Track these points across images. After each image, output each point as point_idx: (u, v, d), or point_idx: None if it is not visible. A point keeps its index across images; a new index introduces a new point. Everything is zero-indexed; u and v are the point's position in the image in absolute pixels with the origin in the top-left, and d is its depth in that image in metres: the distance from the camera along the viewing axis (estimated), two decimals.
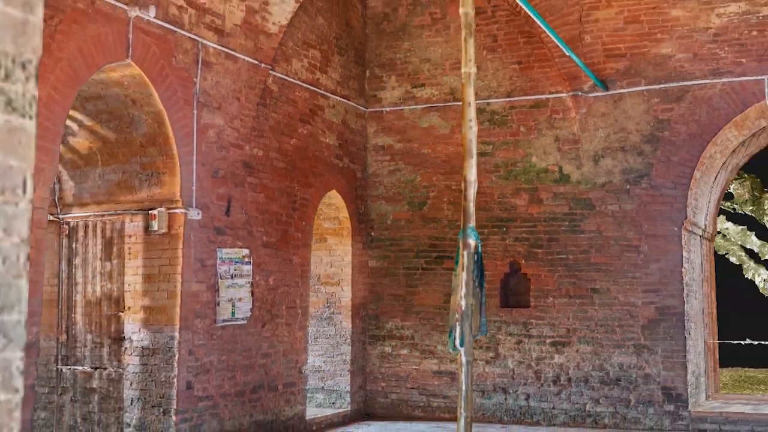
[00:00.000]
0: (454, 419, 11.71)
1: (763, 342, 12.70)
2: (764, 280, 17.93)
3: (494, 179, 12.01)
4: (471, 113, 5.73)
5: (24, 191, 2.10)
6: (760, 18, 10.76)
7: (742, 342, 12.37)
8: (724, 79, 10.86)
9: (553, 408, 11.45)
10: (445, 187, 12.27)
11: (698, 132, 11.00)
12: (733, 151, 12.02)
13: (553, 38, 10.14)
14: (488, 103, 12.04)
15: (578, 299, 11.43)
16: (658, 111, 11.18)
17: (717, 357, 13.13)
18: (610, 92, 11.35)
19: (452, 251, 12.11)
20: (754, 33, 10.77)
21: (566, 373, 11.41)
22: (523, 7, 9.04)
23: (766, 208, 17.74)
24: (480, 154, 11.94)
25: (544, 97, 11.76)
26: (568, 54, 10.58)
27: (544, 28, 9.76)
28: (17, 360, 2.05)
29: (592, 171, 11.47)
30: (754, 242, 17.79)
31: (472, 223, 5.83)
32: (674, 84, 11.07)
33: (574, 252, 11.49)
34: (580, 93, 11.48)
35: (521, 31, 11.90)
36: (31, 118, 2.14)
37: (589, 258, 11.41)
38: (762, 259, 17.98)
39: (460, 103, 12.11)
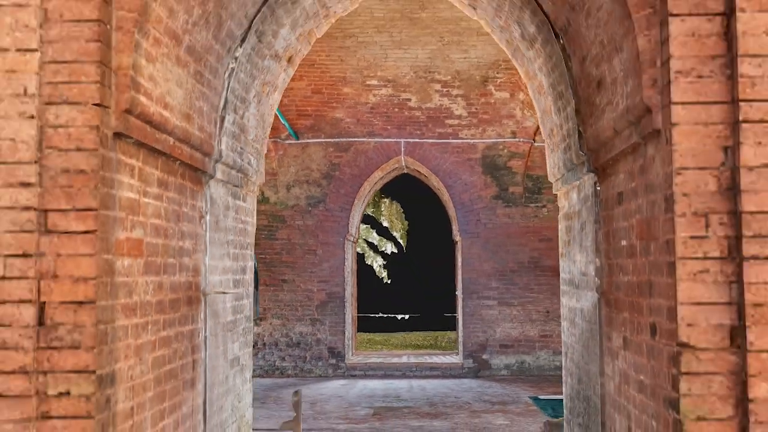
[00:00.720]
0: None
1: (385, 315, 19.18)
2: (380, 266, 24.87)
3: None
4: None
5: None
6: (401, 100, 16.94)
7: (376, 315, 18.74)
8: (376, 139, 16.90)
9: (252, 365, 16.72)
10: None
11: (358, 173, 16.94)
12: (376, 182, 18.23)
13: None
14: None
15: (272, 287, 16.80)
16: (332, 157, 16.91)
17: (356, 325, 19.40)
18: (300, 141, 16.83)
19: None
20: (396, 110, 16.94)
21: (262, 339, 16.75)
22: None
23: (382, 210, 24.56)
24: None
25: None
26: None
27: None
28: (250, 329, 6.98)
29: (285, 196, 16.88)
30: (374, 237, 24.58)
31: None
32: (343, 139, 16.86)
33: (270, 253, 16.82)
34: (278, 140, 16.79)
35: None
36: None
37: (282, 258, 16.83)
38: (380, 249, 24.83)
39: None
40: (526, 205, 16.92)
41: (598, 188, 5.48)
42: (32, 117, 3.84)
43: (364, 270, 24.51)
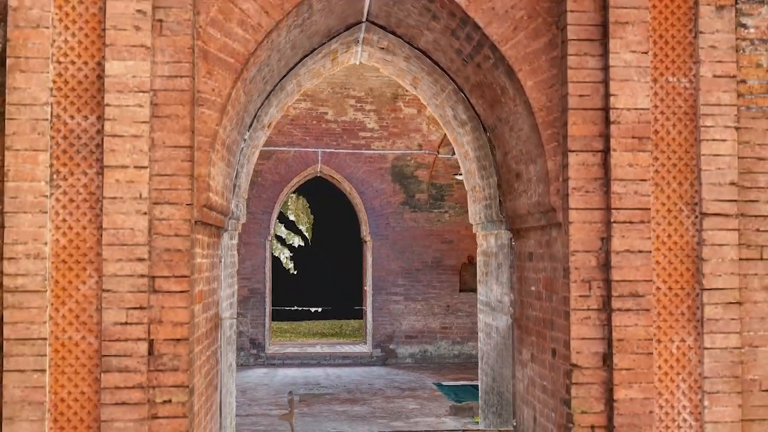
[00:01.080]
0: None
1: (301, 308, 21.16)
2: (287, 258, 26.79)
3: None
4: None
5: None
6: (318, 113, 18.91)
7: (292, 308, 20.74)
8: (296, 149, 18.83)
9: None
10: None
11: (279, 180, 18.84)
12: (293, 187, 20.16)
13: None
14: None
15: None
16: (255, 165, 18.72)
17: (271, 317, 21.35)
18: None
19: None
20: (314, 122, 18.90)
21: None
22: None
23: (289, 204, 26.46)
24: None
25: None
26: None
27: None
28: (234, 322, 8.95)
29: None
30: (283, 231, 26.46)
31: None
32: (266, 148, 18.70)
33: None
34: None
35: None
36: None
37: None
38: (288, 243, 26.75)
39: None
40: (430, 210, 19.18)
41: (514, 243, 7.68)
42: (145, 213, 5.72)
43: (272, 262, 26.39)
